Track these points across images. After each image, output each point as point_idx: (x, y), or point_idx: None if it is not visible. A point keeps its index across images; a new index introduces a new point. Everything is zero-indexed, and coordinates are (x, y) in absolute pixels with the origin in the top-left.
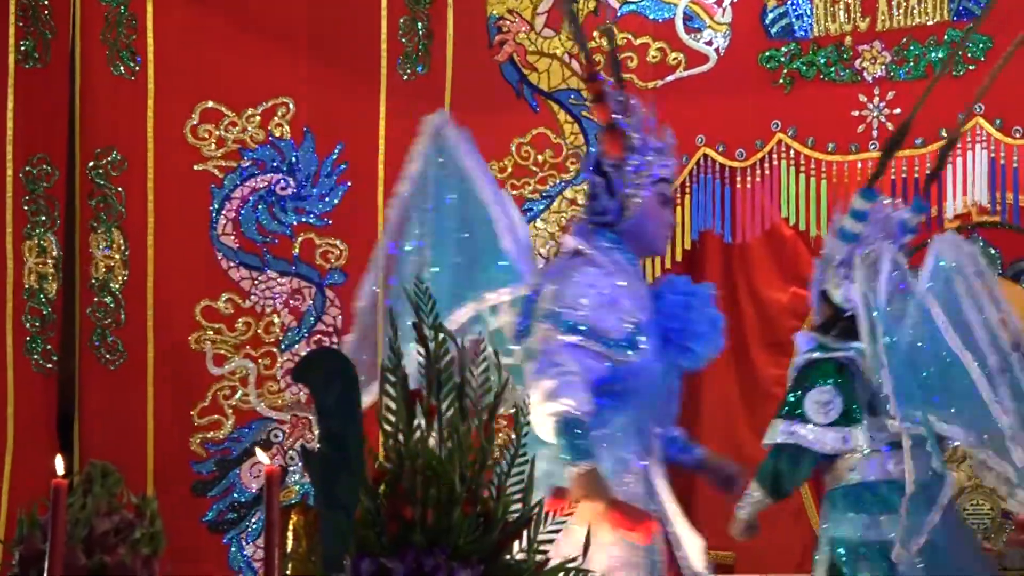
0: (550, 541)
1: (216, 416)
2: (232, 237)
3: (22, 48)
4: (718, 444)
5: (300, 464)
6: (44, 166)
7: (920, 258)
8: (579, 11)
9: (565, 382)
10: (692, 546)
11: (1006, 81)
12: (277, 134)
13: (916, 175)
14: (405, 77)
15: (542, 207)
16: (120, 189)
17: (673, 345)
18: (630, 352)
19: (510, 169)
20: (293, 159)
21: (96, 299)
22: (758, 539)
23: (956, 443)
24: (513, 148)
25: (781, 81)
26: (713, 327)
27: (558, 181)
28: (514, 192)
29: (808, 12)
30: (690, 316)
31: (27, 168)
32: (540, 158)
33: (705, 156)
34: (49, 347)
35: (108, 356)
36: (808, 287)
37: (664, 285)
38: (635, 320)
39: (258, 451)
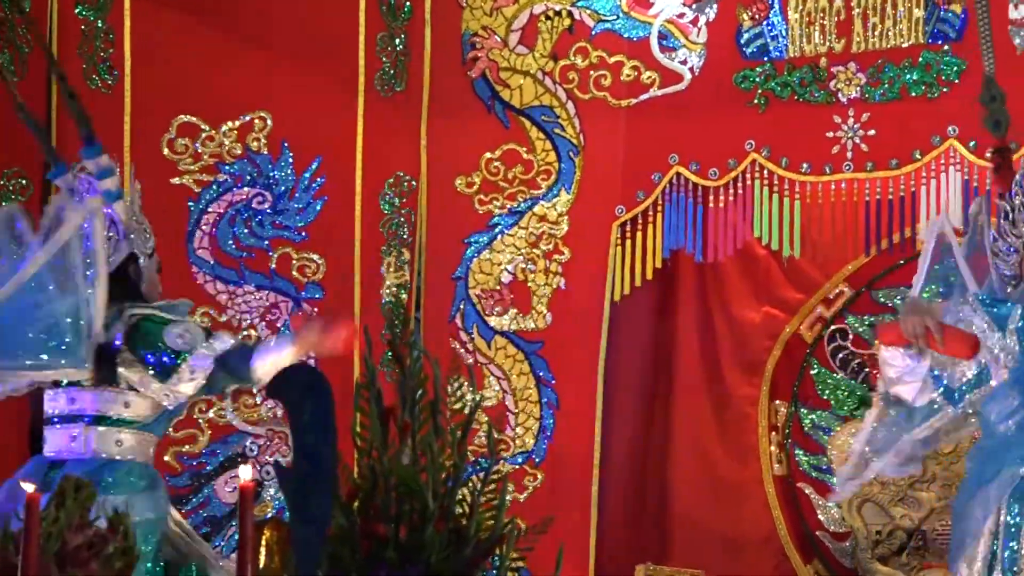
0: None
1: (191, 430)
2: (208, 251)
3: None
4: (690, 461)
5: (275, 479)
6: (19, 179)
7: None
8: (554, 30)
9: None
10: None
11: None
12: (254, 148)
13: (890, 196)
14: (383, 93)
15: (510, 222)
16: None
17: None
18: None
19: (478, 184)
20: (270, 173)
21: None
22: (727, 558)
23: None
24: (482, 163)
25: (756, 101)
26: None
27: (527, 197)
28: (482, 208)
29: (783, 33)
30: None
31: (2, 182)
32: (510, 174)
33: (678, 175)
34: None
35: None
36: (782, 308)
37: None
38: None
39: (242, 467)
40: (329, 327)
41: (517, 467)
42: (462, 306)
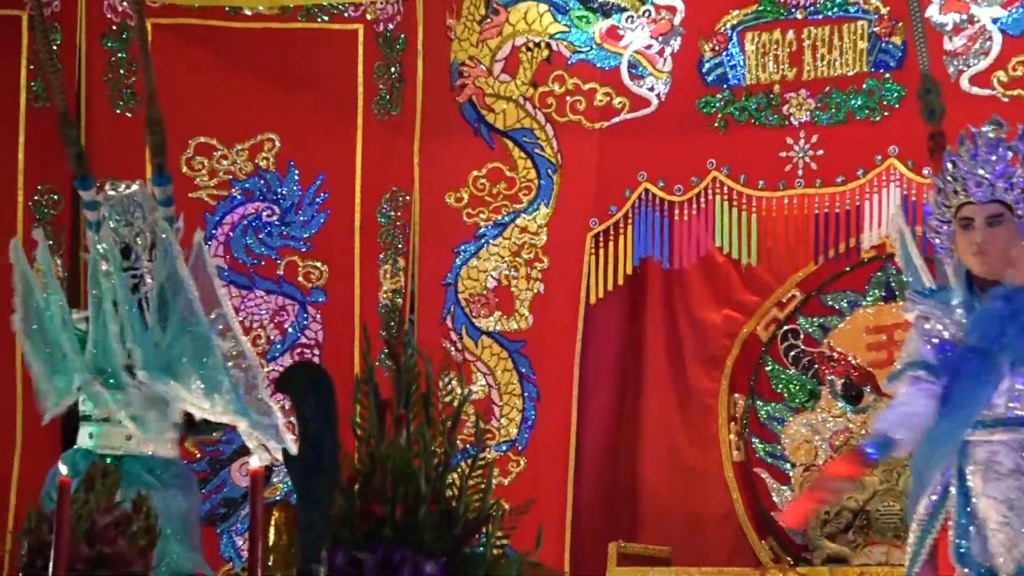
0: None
1: None
2: (223, 259)
3: (32, 88)
4: (657, 449)
5: (283, 465)
6: (52, 195)
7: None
8: (534, 60)
9: None
10: None
11: (918, 126)
12: (264, 166)
13: (837, 210)
14: (379, 117)
15: (495, 233)
16: None
17: None
18: None
19: (466, 199)
20: (278, 189)
21: None
22: (691, 536)
23: None
24: (470, 180)
25: (716, 124)
26: None
27: (511, 211)
28: (469, 220)
29: (741, 62)
30: None
31: (36, 197)
32: (494, 190)
33: (647, 191)
34: None
35: None
36: (740, 310)
37: None
38: None
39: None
40: None
41: (502, 454)
42: (452, 309)
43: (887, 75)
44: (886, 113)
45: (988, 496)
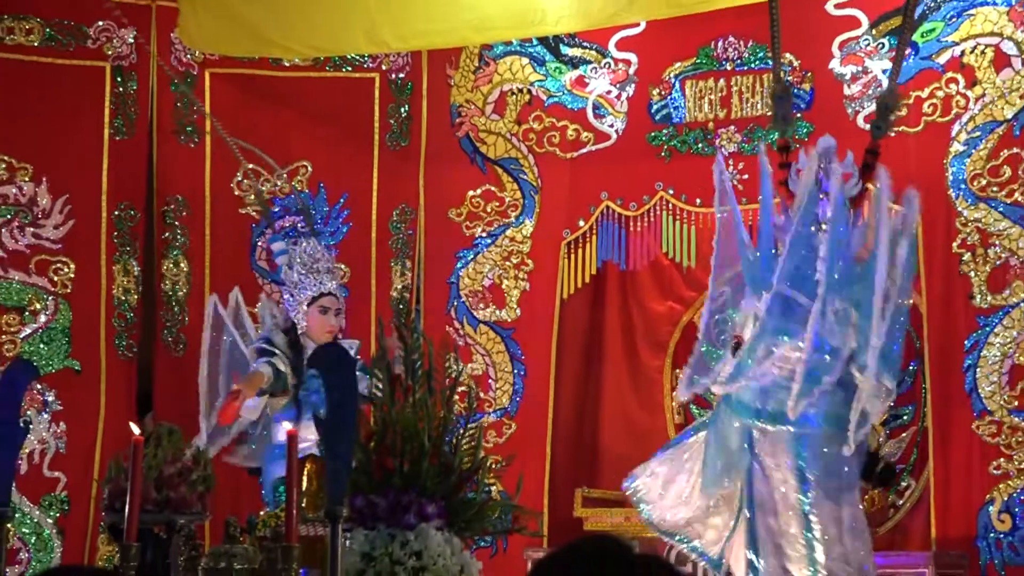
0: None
1: None
2: (265, 262)
3: (114, 124)
4: (615, 414)
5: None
6: (129, 210)
7: None
8: (518, 103)
9: None
10: None
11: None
12: (299, 187)
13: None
14: (392, 147)
15: (488, 243)
16: (185, 227)
17: None
18: None
19: (465, 214)
20: (310, 206)
21: (167, 305)
22: None
23: None
24: (467, 199)
25: (663, 154)
26: None
27: (501, 224)
28: (468, 232)
29: (682, 104)
30: None
31: (116, 212)
32: (488, 207)
33: (607, 207)
34: (131, 341)
35: (175, 347)
36: (681, 303)
37: None
38: None
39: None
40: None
41: (497, 419)
42: (455, 303)
43: (799, 115)
44: (798, 145)
45: None
